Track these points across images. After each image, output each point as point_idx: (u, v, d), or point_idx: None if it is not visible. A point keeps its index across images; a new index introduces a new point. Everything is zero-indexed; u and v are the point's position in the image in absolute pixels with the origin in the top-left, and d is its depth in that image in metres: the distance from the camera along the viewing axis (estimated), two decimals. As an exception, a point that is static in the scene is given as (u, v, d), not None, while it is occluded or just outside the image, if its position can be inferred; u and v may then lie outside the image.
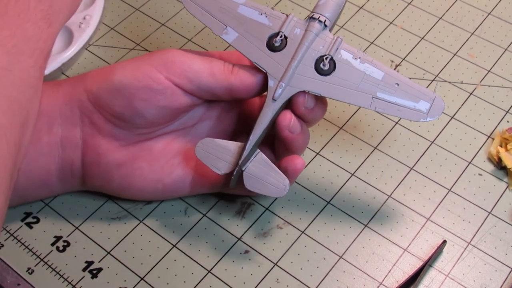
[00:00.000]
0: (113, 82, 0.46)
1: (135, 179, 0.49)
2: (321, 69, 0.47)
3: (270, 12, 0.48)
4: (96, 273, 0.48)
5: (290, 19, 0.48)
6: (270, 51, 0.47)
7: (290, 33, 0.47)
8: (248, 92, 0.47)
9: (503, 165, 0.54)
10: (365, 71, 0.47)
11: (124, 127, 0.47)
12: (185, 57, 0.46)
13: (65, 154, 0.48)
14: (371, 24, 0.64)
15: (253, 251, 0.50)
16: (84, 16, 0.61)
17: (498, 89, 0.60)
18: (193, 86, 0.46)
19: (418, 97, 0.46)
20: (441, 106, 0.46)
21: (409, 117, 0.46)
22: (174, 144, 0.50)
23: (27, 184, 0.48)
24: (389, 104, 0.46)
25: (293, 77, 0.47)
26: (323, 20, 0.47)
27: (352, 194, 0.53)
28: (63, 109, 0.48)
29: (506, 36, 0.64)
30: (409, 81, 0.47)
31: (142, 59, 0.47)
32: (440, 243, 0.49)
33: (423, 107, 0.46)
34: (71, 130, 0.48)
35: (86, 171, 0.49)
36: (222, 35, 0.48)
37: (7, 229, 0.50)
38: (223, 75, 0.46)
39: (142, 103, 0.46)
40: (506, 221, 0.51)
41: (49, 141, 0.47)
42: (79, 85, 0.48)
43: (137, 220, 0.51)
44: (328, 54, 0.47)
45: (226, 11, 0.48)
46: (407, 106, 0.46)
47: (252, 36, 0.48)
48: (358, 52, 0.47)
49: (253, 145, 0.46)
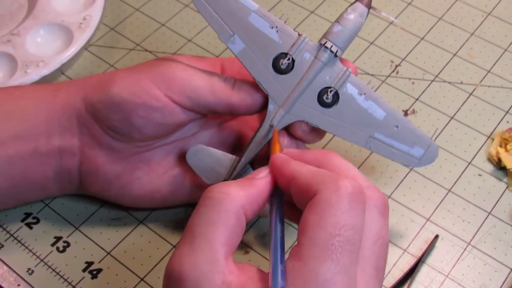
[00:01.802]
0: (111, 96, 0.45)
1: (133, 189, 0.48)
2: (324, 101, 0.46)
3: (281, 27, 0.46)
4: (96, 274, 0.48)
5: (301, 40, 0.46)
6: (275, 71, 0.46)
7: (299, 56, 0.46)
8: (248, 110, 0.46)
9: (502, 166, 0.54)
10: (367, 109, 0.46)
11: (122, 140, 0.47)
12: (186, 73, 0.45)
13: (63, 163, 0.48)
14: (371, 24, 0.64)
15: (253, 252, 0.50)
16: (84, 16, 0.61)
17: (498, 89, 0.60)
18: (193, 103, 0.45)
19: (414, 142, 0.46)
20: (435, 153, 0.47)
21: (401, 161, 0.47)
22: (173, 154, 0.49)
23: (25, 188, 0.48)
24: (384, 146, 0.46)
25: (294, 106, 0.46)
26: (334, 50, 0.46)
27: (352, 195, 0.53)
28: (61, 118, 0.47)
29: (506, 36, 0.64)
30: (409, 123, 0.46)
31: (142, 71, 0.46)
32: (432, 239, 0.50)
33: (417, 153, 0.46)
34: (69, 140, 0.47)
35: (83, 180, 0.49)
36: (228, 43, 0.46)
37: (7, 229, 0.50)
38: (223, 93, 0.45)
39: (140, 120, 0.45)
40: (505, 222, 0.51)
41: (47, 150, 0.47)
42: (78, 94, 0.47)
43: (137, 221, 0.51)
44: (333, 87, 0.46)
45: (237, 16, 0.46)
46: (401, 150, 0.46)
47: (259, 50, 0.46)
48: (365, 87, 0.46)
49: (244, 165, 0.46)
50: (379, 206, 0.39)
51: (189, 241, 0.36)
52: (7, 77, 0.58)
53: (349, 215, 0.36)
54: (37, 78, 0.57)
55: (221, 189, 0.38)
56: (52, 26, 0.61)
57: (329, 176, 0.37)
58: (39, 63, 0.58)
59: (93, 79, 0.48)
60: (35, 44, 0.60)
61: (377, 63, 0.61)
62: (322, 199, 0.36)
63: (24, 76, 0.57)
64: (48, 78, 0.58)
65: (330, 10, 0.65)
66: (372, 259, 0.37)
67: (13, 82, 0.57)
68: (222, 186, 0.38)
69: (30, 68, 0.57)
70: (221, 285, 0.35)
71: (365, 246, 0.37)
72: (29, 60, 0.58)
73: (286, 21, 0.47)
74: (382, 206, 0.39)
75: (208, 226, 0.36)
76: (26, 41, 0.59)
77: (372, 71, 0.61)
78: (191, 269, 0.35)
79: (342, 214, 0.36)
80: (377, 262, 0.37)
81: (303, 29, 0.64)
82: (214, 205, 0.37)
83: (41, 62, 0.58)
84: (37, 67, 0.57)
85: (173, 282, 0.36)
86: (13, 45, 0.59)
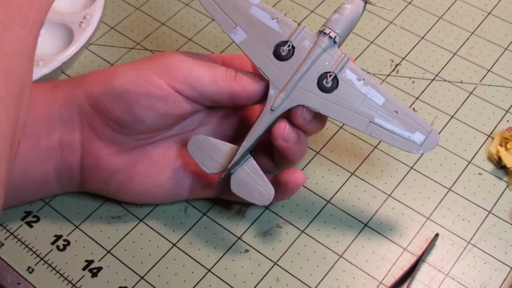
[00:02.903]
0: (113, 87, 0.46)
1: (134, 184, 0.49)
2: (323, 86, 0.46)
3: (282, 18, 0.48)
4: (96, 272, 0.48)
5: (301, 29, 0.47)
6: (276, 59, 0.47)
7: (299, 43, 0.47)
8: (250, 100, 0.47)
9: (503, 165, 0.54)
10: (366, 93, 0.46)
11: (124, 133, 0.47)
12: (187, 63, 0.46)
13: (64, 158, 0.48)
14: (371, 23, 0.64)
15: (253, 250, 0.50)
16: (84, 15, 0.61)
17: (498, 88, 0.60)
18: (195, 93, 0.46)
19: (415, 128, 0.46)
20: (436, 140, 0.46)
21: (402, 147, 0.46)
22: (174, 149, 0.49)
23: (25, 185, 0.48)
24: (384, 131, 0.46)
25: (294, 90, 0.46)
26: (333, 36, 0.47)
27: (352, 193, 0.53)
28: (62, 113, 0.47)
29: (506, 35, 0.64)
30: (408, 110, 0.46)
31: (143, 63, 0.46)
32: (432, 237, 0.50)
33: (418, 138, 0.46)
34: (70, 134, 0.47)
35: (84, 175, 0.49)
36: (230, 34, 0.48)
37: (7, 228, 0.50)
38: (225, 82, 0.46)
39: (142, 109, 0.45)
40: (506, 220, 0.51)
41: (47, 145, 0.47)
42: (79, 88, 0.47)
43: (137, 219, 0.51)
44: (332, 72, 0.46)
45: (239, 10, 0.48)
46: (402, 136, 0.46)
47: (260, 40, 0.47)
48: (363, 73, 0.47)
49: (245, 151, 0.46)
50: None
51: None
52: (8, 76, 0.58)
53: None
54: (37, 77, 0.57)
55: None
56: (53, 25, 0.61)
57: None
58: (39, 62, 0.58)
59: (93, 73, 0.49)
60: (35, 43, 0.60)
61: (377, 62, 0.61)
62: None
63: (24, 75, 0.57)
64: (48, 77, 0.58)
65: (330, 10, 0.65)
66: None
67: (13, 80, 0.57)
68: None
69: (30, 67, 0.57)
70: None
71: None
72: (29, 59, 0.58)
73: (286, 13, 0.48)
74: None
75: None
76: (27, 40, 0.59)
77: (372, 70, 0.61)
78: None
79: None
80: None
81: (303, 28, 0.64)
82: None
83: (41, 61, 0.58)
84: (37, 66, 0.57)
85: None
86: (13, 44, 0.59)
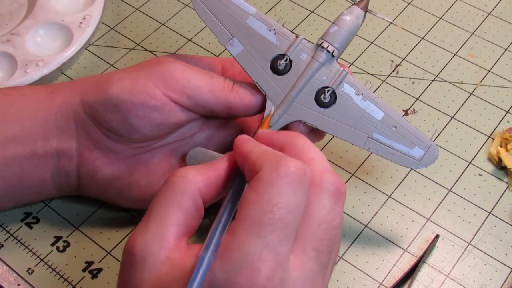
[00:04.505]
0: (110, 96, 0.45)
1: (132, 191, 0.48)
2: (321, 101, 0.46)
3: (279, 29, 0.47)
4: (96, 273, 0.48)
5: (298, 42, 0.46)
6: (273, 72, 0.46)
7: (296, 57, 0.46)
8: (246, 112, 0.46)
9: (503, 165, 0.54)
10: (365, 109, 0.46)
11: (120, 141, 0.46)
12: (185, 72, 0.45)
13: (61, 165, 0.47)
14: (371, 24, 0.64)
15: (253, 252, 0.50)
16: (84, 15, 0.61)
17: (498, 89, 0.60)
18: (191, 103, 0.45)
19: (414, 143, 0.46)
20: (436, 155, 0.46)
21: (401, 163, 0.46)
22: (171, 156, 0.49)
23: (22, 190, 0.48)
24: (383, 146, 0.46)
25: (291, 106, 0.46)
26: (331, 50, 0.46)
27: (352, 195, 0.53)
28: (59, 120, 0.47)
29: (506, 36, 0.64)
30: (408, 124, 0.46)
31: (140, 70, 0.46)
32: (433, 238, 0.50)
33: (417, 154, 0.46)
34: (67, 142, 0.47)
35: (82, 182, 0.48)
36: (227, 45, 0.47)
37: (7, 229, 0.50)
38: (222, 93, 0.45)
39: (138, 120, 0.45)
40: (506, 221, 0.51)
41: (44, 153, 0.47)
42: (75, 95, 0.47)
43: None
44: (330, 86, 0.46)
45: (235, 20, 0.47)
46: (400, 151, 0.46)
47: (257, 52, 0.47)
48: (362, 87, 0.46)
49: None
50: (332, 190, 0.38)
51: (145, 221, 0.38)
52: (7, 77, 0.57)
53: (286, 194, 0.36)
54: (37, 77, 0.57)
55: (180, 173, 0.39)
56: (52, 25, 0.61)
57: (273, 155, 0.37)
58: (39, 63, 0.58)
59: (90, 80, 0.48)
60: (34, 44, 0.60)
61: (377, 62, 0.61)
62: (261, 177, 0.36)
63: (23, 75, 0.57)
64: (48, 77, 0.58)
65: (330, 10, 0.65)
66: (313, 241, 0.37)
67: (13, 81, 0.57)
68: (181, 171, 0.39)
69: (30, 68, 0.57)
70: (165, 260, 0.36)
71: (306, 227, 0.37)
72: (28, 60, 0.58)
73: (284, 24, 0.47)
74: (335, 190, 0.38)
75: (162, 207, 0.38)
76: (26, 40, 0.59)
77: (372, 70, 0.61)
78: (141, 245, 0.37)
79: (278, 192, 0.36)
80: (319, 245, 0.37)
81: (303, 28, 0.64)
82: (171, 187, 0.38)
83: (41, 62, 0.58)
84: (36, 67, 0.57)
85: (126, 258, 0.37)
86: (13, 45, 0.59)
